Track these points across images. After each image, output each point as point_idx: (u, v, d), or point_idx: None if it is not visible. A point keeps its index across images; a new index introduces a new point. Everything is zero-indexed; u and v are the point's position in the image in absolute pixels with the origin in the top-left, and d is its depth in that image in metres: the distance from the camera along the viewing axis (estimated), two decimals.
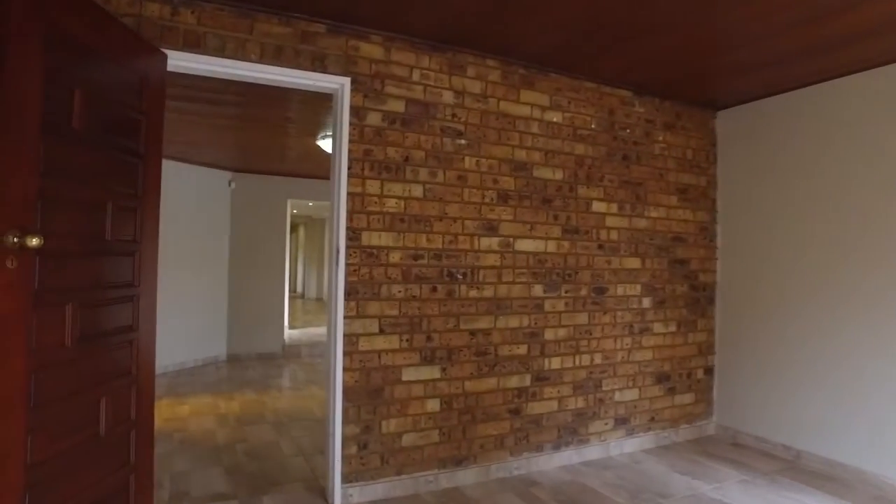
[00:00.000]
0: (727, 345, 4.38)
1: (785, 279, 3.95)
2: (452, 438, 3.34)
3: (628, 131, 4.04)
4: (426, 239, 3.26)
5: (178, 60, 2.71)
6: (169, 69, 2.66)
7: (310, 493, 3.23)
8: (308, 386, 6.21)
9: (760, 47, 3.23)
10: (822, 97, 3.75)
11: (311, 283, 17.97)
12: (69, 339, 1.97)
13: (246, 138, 5.82)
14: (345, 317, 3.04)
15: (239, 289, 7.47)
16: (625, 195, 4.01)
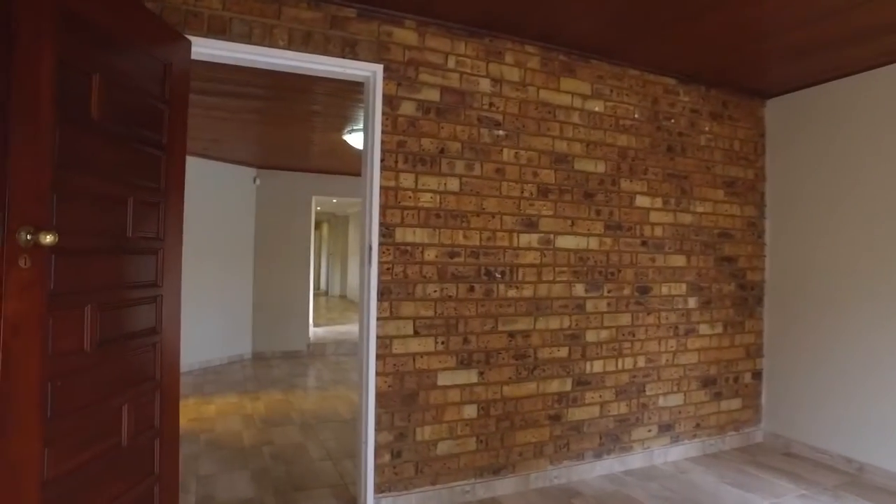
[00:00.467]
0: (777, 347, 4.12)
1: (839, 277, 3.69)
2: (490, 446, 3.16)
3: (673, 121, 3.81)
4: (463, 235, 3.08)
5: (203, 48, 2.56)
6: (193, 57, 2.51)
7: (338, 501, 3.10)
8: (334, 386, 6.08)
9: (814, 29, 2.97)
10: (881, 83, 3.47)
11: (335, 281, 17.97)
12: (88, 344, 1.83)
13: (270, 134, 5.72)
14: (378, 318, 2.87)
15: (264, 286, 7.39)
16: (669, 189, 3.79)
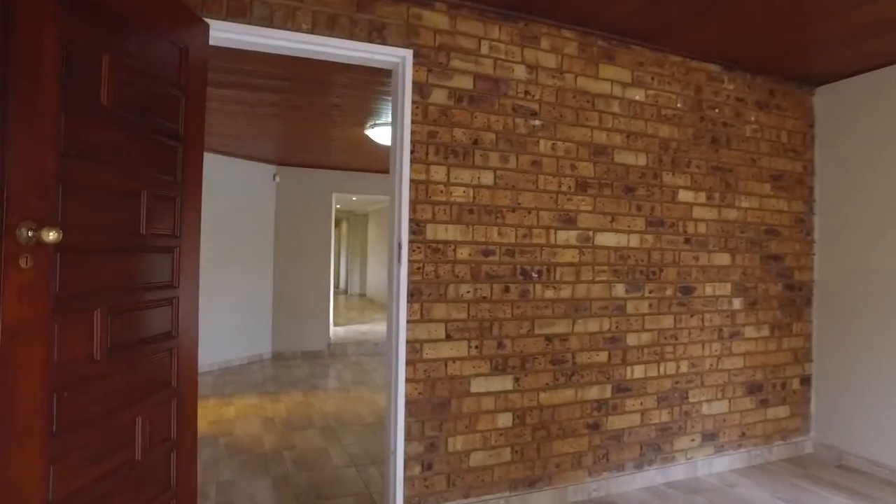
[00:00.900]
0: (827, 351, 3.86)
1: (894, 276, 3.43)
2: (525, 457, 2.96)
3: (717, 111, 3.57)
4: (497, 232, 2.89)
5: (221, 32, 2.39)
6: (211, 42, 2.35)
7: None
8: (356, 387, 5.92)
9: (868, 10, 2.72)
10: None
11: (354, 279, 17.87)
12: (98, 351, 1.67)
13: (290, 128, 5.56)
14: (407, 321, 2.68)
15: (283, 285, 7.26)
16: (713, 183, 3.55)
